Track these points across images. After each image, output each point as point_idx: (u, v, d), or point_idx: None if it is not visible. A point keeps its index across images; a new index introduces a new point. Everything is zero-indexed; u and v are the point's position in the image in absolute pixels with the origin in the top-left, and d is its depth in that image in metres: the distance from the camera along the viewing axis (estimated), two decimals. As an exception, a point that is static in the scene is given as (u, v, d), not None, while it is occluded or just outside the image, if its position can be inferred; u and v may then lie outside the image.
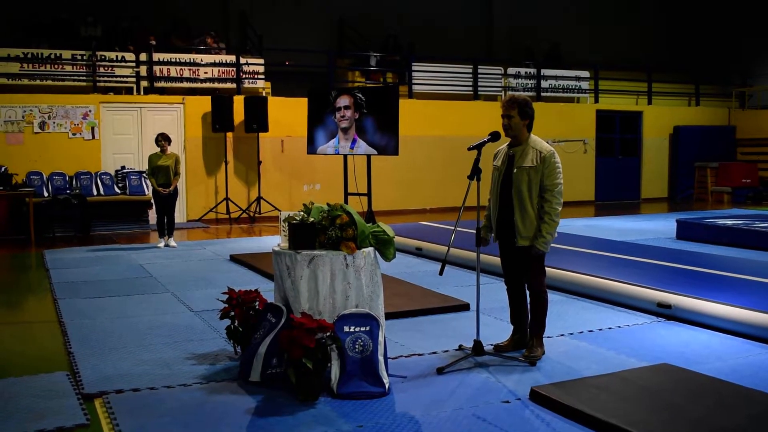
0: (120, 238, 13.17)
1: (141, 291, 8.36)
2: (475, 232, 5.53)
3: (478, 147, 5.41)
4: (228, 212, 15.53)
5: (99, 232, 13.80)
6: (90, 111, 14.63)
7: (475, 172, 5.28)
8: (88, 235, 13.47)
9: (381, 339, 4.94)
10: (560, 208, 5.45)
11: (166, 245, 11.84)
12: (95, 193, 14.15)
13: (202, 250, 11.65)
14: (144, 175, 14.23)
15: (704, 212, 16.37)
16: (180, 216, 14.81)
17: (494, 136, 5.56)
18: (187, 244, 12.40)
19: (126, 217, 14.41)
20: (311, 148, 12.99)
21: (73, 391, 4.89)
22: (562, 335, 6.24)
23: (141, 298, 8.00)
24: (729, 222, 12.06)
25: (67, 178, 14.15)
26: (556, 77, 19.83)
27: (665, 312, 6.78)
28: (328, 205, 5.29)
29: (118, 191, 14.40)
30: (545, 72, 19.65)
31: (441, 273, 5.28)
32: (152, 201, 12.50)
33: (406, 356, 5.64)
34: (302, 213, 5.24)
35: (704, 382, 4.88)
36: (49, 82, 14.63)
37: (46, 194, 13.70)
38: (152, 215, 13.54)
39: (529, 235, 5.44)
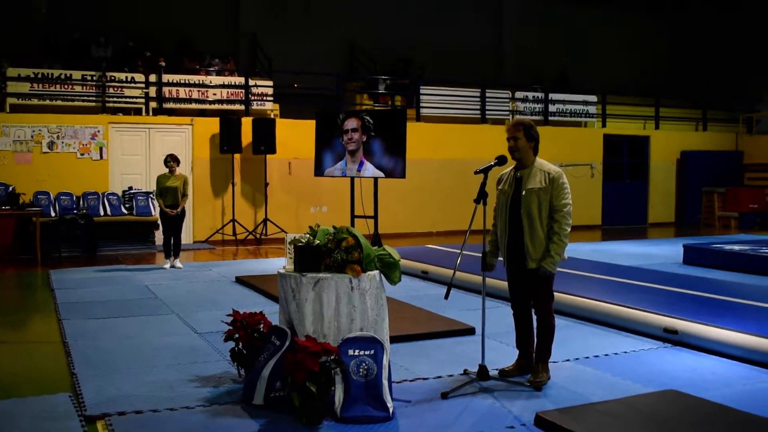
0: (126, 258, 13.18)
1: (146, 312, 8.35)
2: (480, 255, 5.51)
3: (485, 171, 5.41)
4: (234, 234, 15.55)
5: (105, 253, 13.81)
6: (98, 131, 14.70)
7: (482, 196, 5.29)
8: (95, 256, 13.48)
9: (385, 363, 4.91)
10: (569, 229, 5.44)
11: (172, 266, 11.84)
12: (102, 213, 14.18)
13: (208, 271, 11.64)
14: (151, 195, 14.27)
15: (711, 237, 16.31)
16: (186, 237, 14.80)
17: (501, 160, 5.57)
18: (194, 265, 12.40)
19: (133, 237, 14.43)
20: (318, 170, 13.04)
21: (75, 413, 4.88)
22: (567, 360, 6.20)
23: (146, 319, 7.98)
24: (736, 247, 12.01)
25: (75, 198, 14.19)
26: (563, 101, 19.85)
27: (672, 337, 6.73)
28: (333, 227, 5.29)
29: (125, 212, 14.42)
30: (553, 96, 19.68)
31: (446, 297, 5.27)
32: (159, 222, 12.52)
33: (410, 380, 5.61)
34: (308, 235, 5.24)
35: (711, 409, 4.83)
36: (59, 102, 14.72)
37: (53, 214, 13.73)
38: (159, 236, 13.55)
39: (538, 257, 5.43)
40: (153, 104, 15.47)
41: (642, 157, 20.94)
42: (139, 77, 15.38)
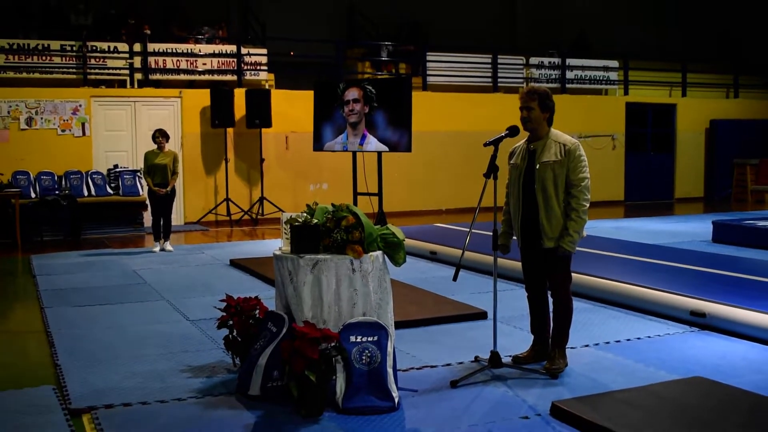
0: (112, 241, 13.22)
1: (134, 299, 8.40)
2: (491, 234, 5.51)
3: (495, 143, 5.40)
4: (228, 214, 15.58)
5: (90, 236, 13.85)
6: (80, 106, 14.70)
7: (492, 170, 5.27)
8: (79, 239, 13.52)
9: (390, 350, 4.94)
10: (588, 205, 5.44)
11: (162, 249, 11.88)
12: (86, 193, 14.21)
13: (201, 254, 11.69)
14: (139, 174, 14.30)
15: (743, 213, 16.29)
16: (177, 218, 14.84)
17: (512, 131, 5.56)
18: (185, 248, 12.44)
19: (119, 219, 14.47)
20: (318, 144, 13.03)
21: (59, 406, 4.91)
22: (586, 346, 6.22)
23: (134, 306, 8.03)
24: (770, 223, 11.99)
25: (56, 177, 14.21)
26: (582, 67, 19.77)
27: (699, 321, 6.74)
28: (333, 205, 5.30)
29: (111, 192, 14.45)
30: (571, 62, 19.60)
31: (455, 279, 5.28)
32: (147, 202, 12.55)
33: (417, 368, 5.64)
34: (305, 214, 5.25)
35: (741, 396, 4.85)
36: (37, 75, 14.72)
37: (33, 195, 13.76)
38: (147, 217, 13.58)
39: (555, 235, 5.42)
40: (138, 76, 15.45)
41: (668, 127, 20.87)
42: (123, 47, 15.35)
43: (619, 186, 19.94)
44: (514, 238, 5.78)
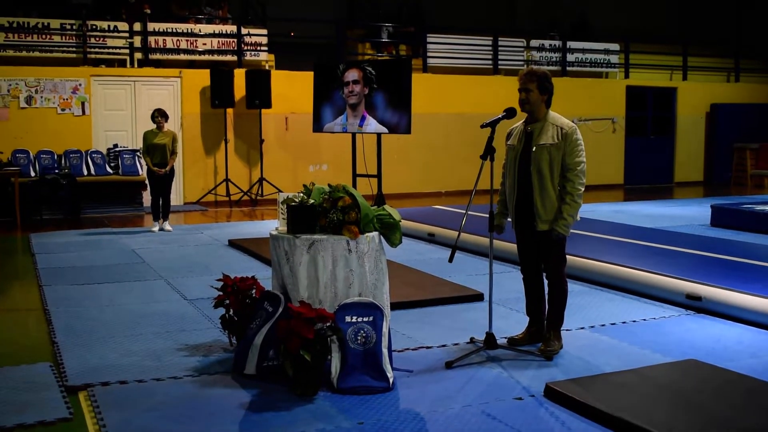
0: (112, 221, 13.23)
1: (132, 278, 8.42)
2: (488, 216, 5.51)
3: (492, 124, 5.40)
4: (228, 194, 15.58)
5: (89, 215, 13.86)
6: (80, 85, 14.67)
7: (489, 152, 5.27)
8: (78, 218, 13.53)
9: (385, 330, 4.95)
10: (583, 189, 5.43)
11: (161, 229, 11.89)
12: (85, 173, 14.21)
13: (200, 234, 11.70)
14: (138, 153, 14.29)
15: (742, 197, 16.27)
16: (176, 198, 14.85)
17: (510, 113, 5.55)
18: (184, 228, 12.45)
19: (118, 198, 14.48)
20: (317, 125, 13.01)
21: (56, 383, 4.93)
22: (582, 328, 6.24)
23: (132, 285, 8.05)
24: (768, 208, 11.99)
25: (56, 156, 14.21)
26: (583, 50, 19.70)
27: (695, 304, 6.75)
28: (329, 186, 5.29)
29: (110, 171, 14.45)
30: (571, 44, 19.53)
31: (451, 260, 5.28)
32: (147, 182, 12.54)
33: (412, 349, 5.66)
34: (302, 194, 5.25)
35: (735, 380, 4.86)
36: (37, 54, 14.67)
37: (33, 174, 13.76)
38: (146, 197, 13.58)
39: (549, 218, 5.43)
40: (138, 55, 15.41)
41: (668, 111, 20.82)
42: (123, 26, 15.30)
43: (618, 169, 19.91)
44: (509, 219, 5.78)
